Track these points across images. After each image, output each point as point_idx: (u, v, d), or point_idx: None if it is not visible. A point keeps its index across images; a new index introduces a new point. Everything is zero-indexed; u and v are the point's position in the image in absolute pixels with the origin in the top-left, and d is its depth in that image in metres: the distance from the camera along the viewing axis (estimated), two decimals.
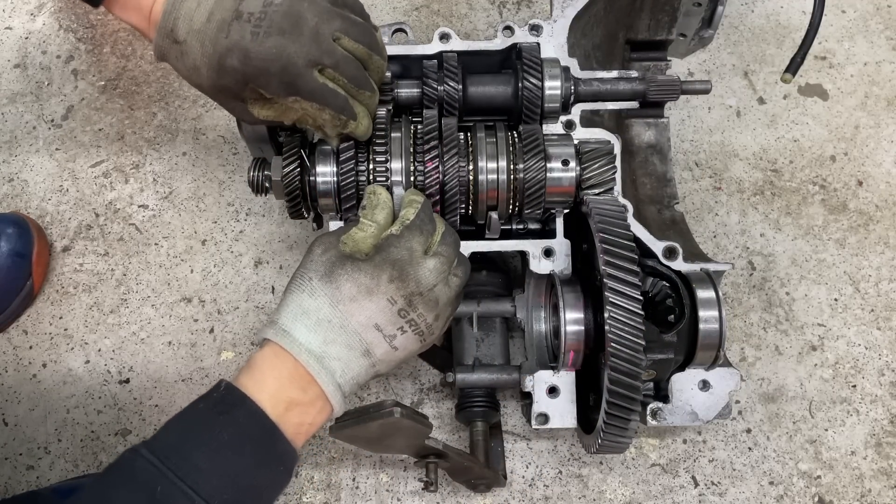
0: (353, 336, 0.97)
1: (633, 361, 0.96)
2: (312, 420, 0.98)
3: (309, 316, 0.97)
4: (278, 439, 0.94)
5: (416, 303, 0.99)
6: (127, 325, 1.43)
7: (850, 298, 1.44)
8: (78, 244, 1.49)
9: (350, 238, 1.00)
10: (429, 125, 1.14)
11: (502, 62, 1.24)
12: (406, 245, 0.99)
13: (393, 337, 0.99)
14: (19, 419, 1.36)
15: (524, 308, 1.24)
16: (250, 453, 0.92)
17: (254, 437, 0.92)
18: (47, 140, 1.58)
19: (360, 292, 0.97)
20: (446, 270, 1.02)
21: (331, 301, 0.97)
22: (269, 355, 0.97)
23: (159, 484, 0.86)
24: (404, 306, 0.98)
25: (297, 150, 1.13)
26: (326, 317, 0.96)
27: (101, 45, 1.66)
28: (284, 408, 0.94)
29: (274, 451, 0.94)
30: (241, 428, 0.92)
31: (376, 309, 0.97)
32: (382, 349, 0.99)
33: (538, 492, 1.30)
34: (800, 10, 1.67)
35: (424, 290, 0.99)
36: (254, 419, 0.93)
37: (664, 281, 1.11)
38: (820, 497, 1.30)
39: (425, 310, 1.00)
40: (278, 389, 0.95)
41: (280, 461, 0.95)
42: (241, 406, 0.93)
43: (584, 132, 1.18)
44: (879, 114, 1.58)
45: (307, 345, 0.96)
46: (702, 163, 1.55)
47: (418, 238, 1.00)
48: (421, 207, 1.03)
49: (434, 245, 1.02)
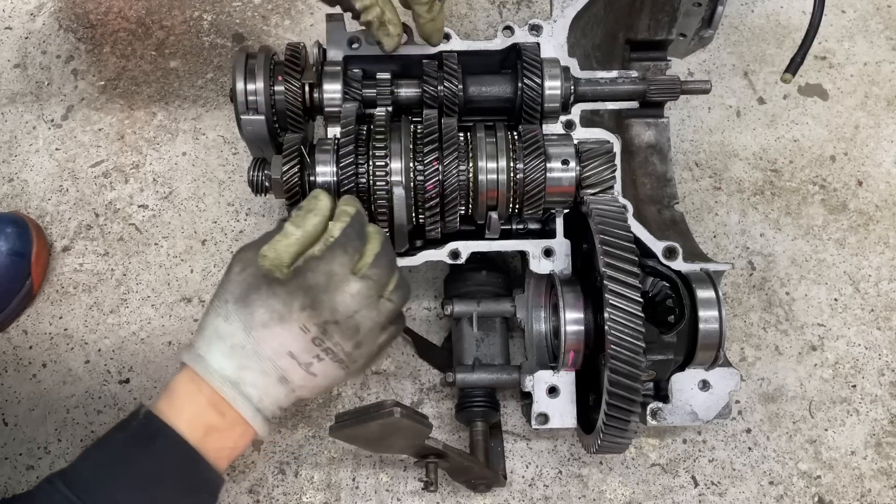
0: (266, 363, 0.93)
1: (633, 362, 0.96)
2: (234, 444, 0.95)
3: (224, 341, 0.93)
4: (201, 467, 0.92)
5: (332, 331, 0.93)
6: (127, 325, 1.43)
7: (850, 298, 1.44)
8: (78, 244, 1.49)
9: (271, 249, 0.94)
10: (429, 125, 1.14)
11: (502, 62, 1.24)
12: (324, 269, 0.93)
13: (309, 364, 0.94)
14: (19, 419, 1.36)
15: (524, 308, 1.24)
16: (172, 484, 0.90)
17: (175, 467, 0.91)
18: (47, 140, 1.58)
19: (273, 319, 0.92)
20: (373, 295, 0.95)
21: (244, 326, 0.92)
22: (186, 380, 0.94)
23: None
24: (318, 335, 0.93)
25: (297, 149, 1.13)
26: (240, 342, 0.93)
27: (101, 45, 1.66)
28: (203, 433, 0.92)
29: (197, 478, 0.92)
30: (162, 459, 0.90)
31: (289, 336, 0.92)
32: (299, 376, 0.95)
33: (538, 492, 1.30)
34: (800, 10, 1.67)
35: (341, 319, 0.93)
36: (174, 448, 0.91)
37: (664, 281, 1.11)
38: (820, 497, 1.30)
39: (342, 338, 0.94)
40: (196, 416, 0.92)
41: (204, 488, 0.93)
42: (161, 436, 0.91)
43: (584, 132, 1.19)
44: (879, 114, 1.58)
45: (221, 371, 0.92)
46: (702, 163, 1.55)
47: (341, 259, 0.94)
48: (350, 222, 0.96)
49: (364, 267, 0.95)
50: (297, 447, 1.33)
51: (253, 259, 0.94)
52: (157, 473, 0.90)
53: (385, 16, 1.09)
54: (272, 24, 1.68)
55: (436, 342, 1.39)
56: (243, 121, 1.19)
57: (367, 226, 1.00)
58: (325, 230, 0.96)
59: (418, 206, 1.14)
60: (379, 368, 1.38)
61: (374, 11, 1.09)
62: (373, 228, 1.01)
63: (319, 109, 1.20)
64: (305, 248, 0.95)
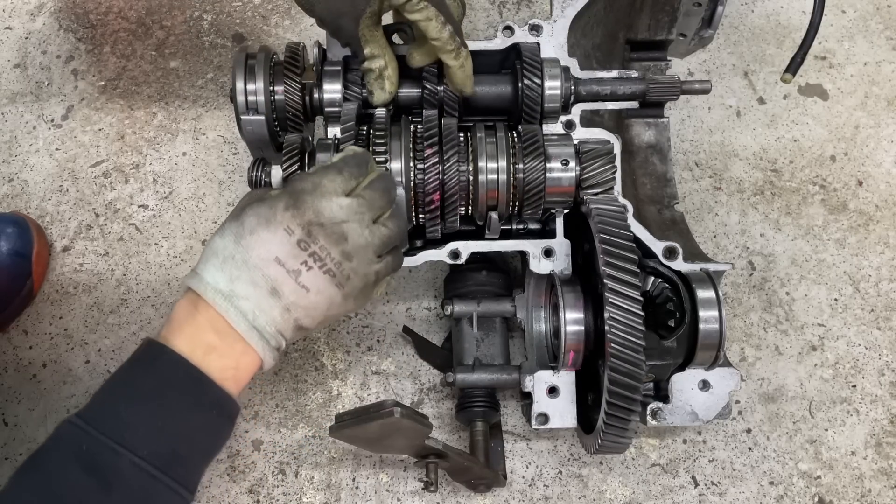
0: (255, 271, 0.93)
1: (633, 362, 0.96)
2: (236, 364, 0.94)
3: (217, 255, 0.94)
4: (206, 383, 0.92)
5: (316, 234, 0.94)
6: (127, 325, 1.43)
7: (850, 298, 1.44)
8: (78, 244, 1.49)
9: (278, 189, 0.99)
10: (429, 125, 1.14)
11: (502, 62, 1.24)
12: (314, 179, 0.96)
13: (297, 273, 0.94)
14: (19, 419, 1.36)
15: (524, 308, 1.24)
16: (177, 400, 0.91)
17: (178, 384, 0.91)
18: (47, 140, 1.58)
19: (259, 224, 0.93)
20: (364, 212, 0.97)
21: (235, 237, 0.94)
22: (185, 303, 0.95)
23: (84, 442, 0.86)
24: (303, 237, 0.93)
25: (297, 150, 1.13)
26: (231, 253, 0.94)
27: (101, 45, 1.66)
28: (203, 352, 0.92)
29: (203, 395, 0.92)
30: (164, 377, 0.91)
31: (274, 239, 0.93)
32: (289, 287, 0.94)
33: (538, 492, 1.30)
34: (800, 10, 1.67)
35: (326, 222, 0.94)
36: (175, 366, 0.91)
37: (664, 281, 1.12)
38: (820, 497, 1.30)
39: (328, 243, 0.94)
40: (194, 334, 0.93)
41: (212, 405, 0.93)
42: (161, 356, 0.92)
43: (584, 132, 1.19)
44: (879, 114, 1.58)
45: (214, 284, 0.93)
46: (702, 163, 1.55)
47: (333, 176, 0.97)
48: (352, 154, 1.01)
49: (358, 189, 0.98)
50: (297, 447, 1.33)
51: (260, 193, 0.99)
52: (158, 389, 0.91)
53: (386, 71, 1.12)
54: (272, 24, 1.68)
55: (436, 342, 1.39)
56: (243, 121, 1.19)
57: (373, 164, 1.03)
58: None
59: (418, 206, 1.14)
60: (379, 368, 1.38)
61: (377, 63, 1.11)
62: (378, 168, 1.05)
63: (319, 109, 1.20)
64: None
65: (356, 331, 1.41)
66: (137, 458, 0.86)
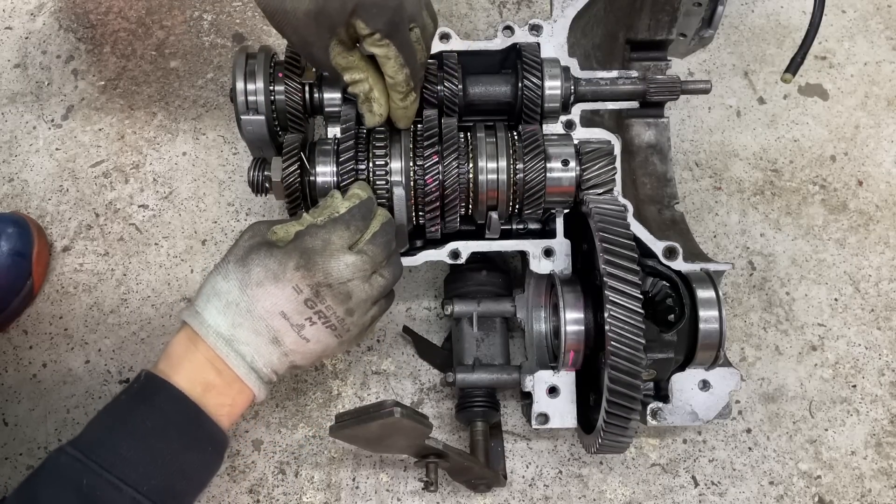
0: (259, 322, 0.96)
1: (634, 359, 0.96)
2: (233, 402, 0.98)
3: (220, 298, 0.96)
4: (203, 420, 0.94)
5: (324, 294, 0.97)
6: (127, 325, 1.43)
7: (851, 298, 1.44)
8: (78, 244, 1.49)
9: (282, 228, 1.00)
10: (429, 125, 1.14)
11: (502, 62, 1.24)
12: (323, 236, 0.98)
13: (301, 327, 0.97)
14: (19, 419, 1.36)
15: (524, 308, 1.24)
16: (176, 437, 0.92)
17: (177, 421, 0.93)
18: (47, 140, 1.58)
19: (267, 277, 0.95)
20: (368, 269, 1.00)
21: (240, 284, 0.96)
22: (184, 339, 0.97)
23: (84, 477, 0.86)
24: (311, 296, 0.96)
25: (297, 150, 1.13)
26: (235, 300, 0.96)
27: (101, 45, 1.66)
28: (202, 390, 0.95)
29: (200, 432, 0.95)
30: (164, 413, 0.93)
31: (281, 296, 0.96)
32: (291, 339, 0.98)
33: (538, 492, 1.30)
34: (800, 10, 1.67)
35: (334, 283, 0.97)
36: (175, 403, 0.93)
37: (664, 281, 1.12)
38: (820, 497, 1.30)
39: (334, 302, 0.97)
40: (194, 372, 0.95)
41: (208, 442, 0.96)
42: (161, 392, 0.94)
43: (584, 132, 1.19)
44: (879, 114, 1.58)
45: (216, 327, 0.95)
46: (702, 163, 1.55)
47: (341, 232, 0.99)
48: (358, 204, 1.02)
49: (361, 243, 1.01)
50: (297, 447, 1.33)
51: (263, 231, 1.00)
52: (159, 427, 0.92)
53: (372, 93, 1.07)
54: None
55: (436, 342, 1.39)
56: (243, 121, 1.19)
57: (376, 209, 1.05)
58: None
59: (418, 206, 1.14)
60: (379, 368, 1.38)
61: (360, 87, 1.07)
62: (380, 212, 1.06)
63: (320, 109, 1.20)
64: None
65: None
66: (138, 494, 0.87)
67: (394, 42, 1.00)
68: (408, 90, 1.06)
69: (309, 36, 1.00)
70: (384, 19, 0.97)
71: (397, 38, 1.00)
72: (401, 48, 1.01)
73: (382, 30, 0.98)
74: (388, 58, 1.01)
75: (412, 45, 1.02)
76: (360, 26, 0.98)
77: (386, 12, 0.97)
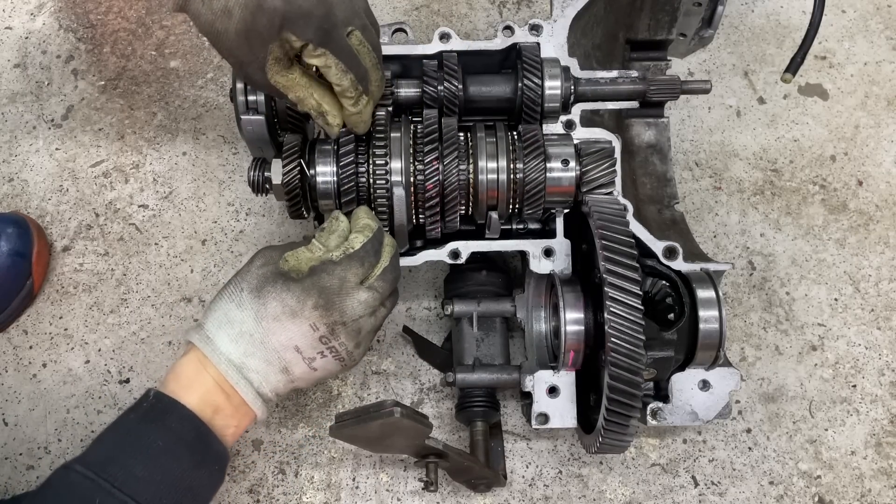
0: (272, 353, 0.98)
1: (634, 356, 0.96)
2: (238, 424, 1.01)
3: (233, 326, 0.98)
4: (212, 441, 0.97)
5: (339, 332, 0.99)
6: (127, 325, 1.43)
7: (851, 298, 1.44)
8: (78, 244, 1.49)
9: (294, 256, 1.01)
10: (429, 125, 1.14)
11: (502, 62, 1.24)
12: (340, 274, 0.99)
13: (312, 360, 1.00)
14: (19, 419, 1.36)
15: (524, 308, 1.24)
16: (186, 457, 0.94)
17: (188, 441, 0.95)
18: (47, 140, 1.58)
19: (285, 313, 0.97)
20: (377, 305, 1.03)
21: (255, 316, 0.97)
22: (194, 361, 0.99)
23: (97, 496, 0.87)
24: (326, 333, 0.99)
25: (297, 150, 1.13)
26: (249, 330, 0.98)
27: (101, 45, 1.66)
28: (212, 412, 0.98)
29: (209, 452, 0.97)
30: (175, 433, 0.94)
31: (298, 332, 0.98)
32: (301, 369, 1.01)
33: (538, 492, 1.30)
34: (800, 9, 1.67)
35: (349, 321, 0.99)
36: (187, 423, 0.95)
37: (664, 281, 1.12)
38: (820, 497, 1.30)
39: (347, 339, 1.00)
40: (204, 394, 0.98)
41: (215, 461, 0.98)
42: (172, 412, 0.96)
43: (584, 132, 1.19)
44: (879, 114, 1.58)
45: (227, 354, 0.98)
46: (702, 163, 1.55)
47: (356, 269, 1.00)
48: (371, 238, 1.03)
49: (372, 278, 1.02)
50: (297, 447, 1.33)
51: (275, 258, 1.01)
52: (171, 446, 0.93)
53: (322, 107, 1.07)
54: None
55: (436, 342, 1.39)
56: (243, 121, 1.19)
57: (384, 240, 1.06)
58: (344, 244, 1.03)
59: (418, 205, 1.14)
60: (379, 368, 1.38)
61: (308, 103, 1.06)
62: (388, 241, 1.07)
63: None
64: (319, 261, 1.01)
65: None
66: None
67: (330, 49, 0.98)
68: (357, 95, 1.04)
69: (243, 55, 0.98)
70: (313, 28, 0.96)
71: (332, 45, 0.98)
72: (339, 54, 0.99)
73: (314, 39, 0.97)
74: (328, 66, 1.00)
75: (351, 50, 1.01)
76: (291, 39, 0.97)
77: (314, 21, 0.96)
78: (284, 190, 1.12)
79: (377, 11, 1.67)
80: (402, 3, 1.69)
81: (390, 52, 1.20)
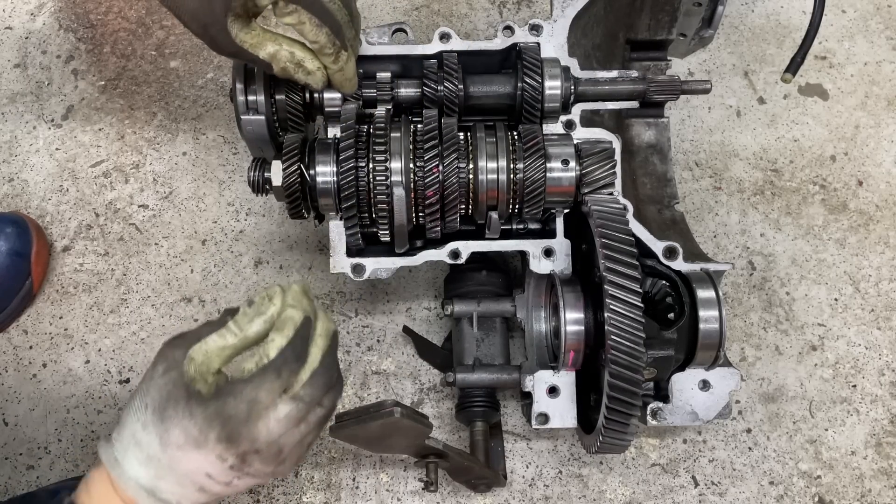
0: (183, 478, 0.88)
1: (634, 354, 0.95)
2: None
3: (140, 449, 0.87)
4: None
5: (251, 460, 0.87)
6: (127, 325, 1.43)
7: (851, 298, 1.44)
8: (78, 244, 1.49)
9: (201, 351, 0.87)
10: (429, 125, 1.14)
11: (502, 62, 1.24)
12: (248, 396, 0.85)
13: (228, 483, 0.89)
14: (19, 419, 1.36)
15: (524, 308, 1.24)
16: None
17: None
18: (47, 140, 1.58)
19: (188, 443, 0.85)
20: (302, 416, 0.87)
21: (160, 442, 0.86)
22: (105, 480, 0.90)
23: None
24: (236, 463, 0.86)
25: (297, 150, 1.13)
26: (156, 455, 0.87)
27: (101, 45, 1.66)
28: None
29: None
30: None
31: (205, 462, 0.86)
32: (218, 489, 0.89)
33: (538, 492, 1.30)
34: (800, 10, 1.67)
35: (262, 447, 0.86)
36: None
37: (664, 281, 1.12)
38: (820, 497, 1.30)
39: (263, 464, 0.88)
40: None
41: None
42: None
43: (584, 132, 1.18)
44: (879, 114, 1.58)
45: (137, 479, 0.87)
46: (702, 163, 1.55)
47: (271, 384, 0.85)
48: (292, 338, 0.87)
49: (297, 385, 0.86)
50: None
51: (179, 360, 0.87)
52: None
53: (296, 56, 1.03)
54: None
55: (436, 342, 1.39)
56: (243, 121, 1.19)
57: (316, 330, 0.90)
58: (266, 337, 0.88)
59: (418, 205, 1.14)
60: (379, 368, 1.38)
61: (283, 55, 1.03)
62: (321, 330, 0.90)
63: (319, 109, 1.20)
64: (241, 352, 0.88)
65: (356, 331, 1.41)
66: None
67: (301, 4, 0.96)
68: (336, 50, 1.02)
69: (205, 16, 0.94)
70: None
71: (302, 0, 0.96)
72: (310, 8, 0.97)
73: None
74: (302, 23, 0.98)
75: (322, 4, 0.99)
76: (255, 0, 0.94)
77: None
78: (284, 191, 1.12)
79: (377, 11, 1.68)
80: (402, 3, 1.69)
81: (390, 52, 1.20)
